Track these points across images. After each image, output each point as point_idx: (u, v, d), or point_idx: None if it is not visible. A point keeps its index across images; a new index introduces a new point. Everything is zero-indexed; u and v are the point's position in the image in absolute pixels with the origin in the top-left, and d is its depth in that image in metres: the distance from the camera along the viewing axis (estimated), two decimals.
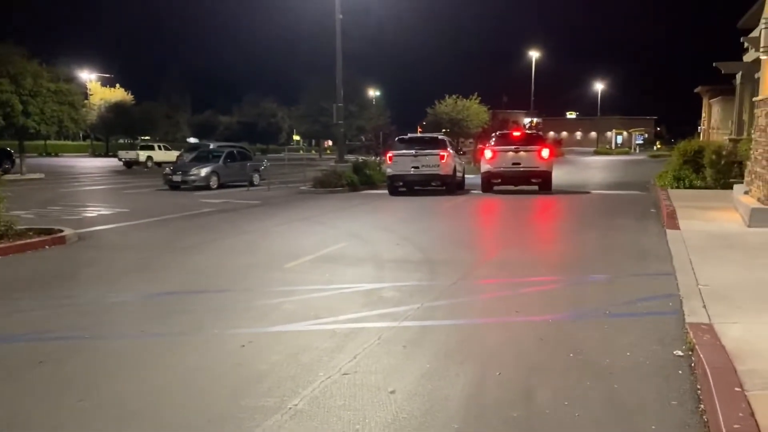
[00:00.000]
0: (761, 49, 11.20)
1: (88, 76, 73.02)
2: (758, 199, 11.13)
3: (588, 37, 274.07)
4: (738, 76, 22.67)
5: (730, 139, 20.47)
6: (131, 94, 71.43)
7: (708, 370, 4.26)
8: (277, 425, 3.89)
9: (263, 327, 5.89)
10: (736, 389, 3.92)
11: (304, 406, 4.17)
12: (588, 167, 40.50)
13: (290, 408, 4.12)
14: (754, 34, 12.88)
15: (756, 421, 3.50)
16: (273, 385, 4.53)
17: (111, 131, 69.70)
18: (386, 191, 20.04)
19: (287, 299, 6.83)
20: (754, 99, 13.08)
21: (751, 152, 12.36)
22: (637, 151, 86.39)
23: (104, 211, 15.61)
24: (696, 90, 37.18)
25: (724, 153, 17.58)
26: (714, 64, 22.33)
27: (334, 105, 30.71)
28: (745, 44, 17.19)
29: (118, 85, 71.69)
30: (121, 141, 74.01)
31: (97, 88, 70.66)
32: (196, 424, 3.96)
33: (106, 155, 65.68)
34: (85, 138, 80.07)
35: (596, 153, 75.75)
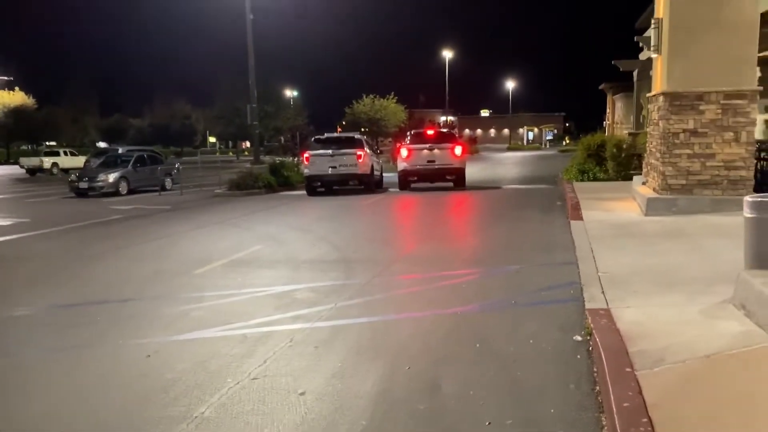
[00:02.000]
0: (651, 48, 11.90)
1: None
2: (654, 189, 11.81)
3: (499, 37, 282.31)
4: (635, 74, 23.97)
5: (630, 133, 21.60)
6: (33, 98, 67.54)
7: (602, 353, 4.49)
8: None
9: (170, 335, 5.72)
10: (627, 369, 4.15)
11: (211, 413, 4.08)
12: (501, 163, 41.71)
13: (196, 417, 4.03)
14: (647, 34, 13.64)
15: (643, 398, 3.72)
16: (179, 394, 4.41)
17: (11, 138, 65.70)
18: (305, 192, 19.92)
19: (196, 306, 6.66)
20: (647, 95, 13.87)
21: (647, 145, 13.10)
22: (548, 146, 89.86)
23: (1, 222, 14.69)
24: (600, 87, 38.90)
25: (624, 146, 18.55)
26: (612, 62, 23.53)
27: (248, 106, 30.17)
28: (640, 43, 18.17)
29: (17, 89, 67.64)
30: (24, 147, 70.00)
31: None
32: None
33: (7, 162, 61.82)
34: None
35: (509, 149, 78.14)
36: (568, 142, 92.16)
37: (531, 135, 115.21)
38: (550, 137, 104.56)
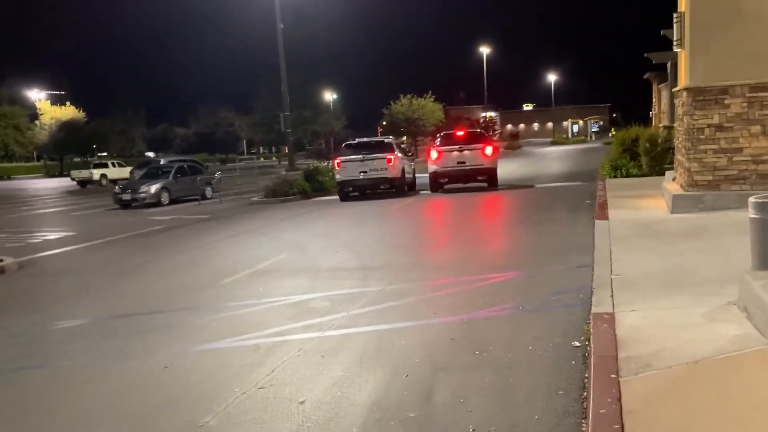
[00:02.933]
0: (674, 43, 11.73)
1: (37, 95, 71.61)
2: (681, 186, 11.65)
3: (541, 28, 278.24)
4: (669, 65, 23.46)
5: (665, 126, 21.18)
6: (83, 111, 70.25)
7: (592, 359, 4.58)
8: None
9: (188, 347, 6.04)
10: (612, 376, 4.24)
11: (216, 422, 4.35)
12: (541, 159, 41.30)
13: (201, 426, 4.31)
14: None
15: (621, 404, 3.81)
16: (189, 404, 4.70)
17: (64, 150, 68.43)
18: (338, 197, 20.26)
19: (216, 317, 6.99)
20: (673, 90, 13.65)
21: (675, 141, 12.91)
22: (593, 138, 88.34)
23: (50, 236, 15.47)
24: (645, 76, 37.96)
25: (659, 141, 18.21)
26: (645, 55, 23.08)
27: (281, 114, 30.80)
28: (668, 36, 17.82)
29: (68, 103, 70.44)
30: (77, 160, 72.87)
31: (46, 106, 69.28)
32: None
33: (60, 175, 64.42)
34: (38, 159, 78.47)
35: (553, 143, 77.03)
36: (614, 133, 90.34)
37: (576, 128, 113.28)
38: (595, 129, 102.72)
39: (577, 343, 5.30)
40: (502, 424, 4.02)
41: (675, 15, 11.65)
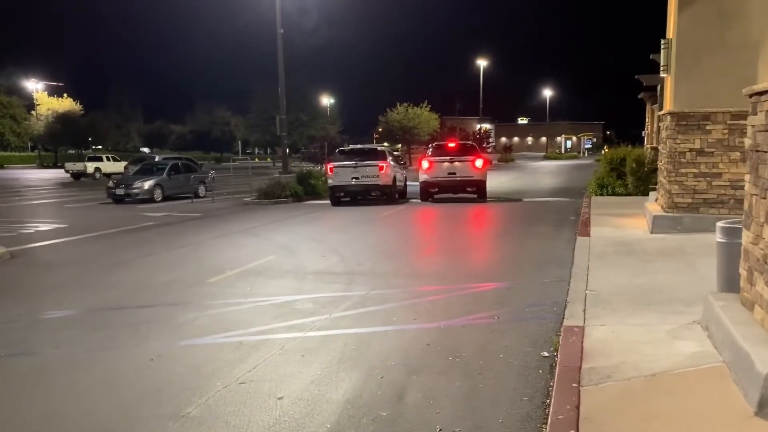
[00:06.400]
0: (662, 68, 12.09)
1: (34, 86, 71.59)
2: (661, 207, 11.97)
3: (539, 43, 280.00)
4: (659, 88, 23.90)
5: (652, 148, 21.57)
6: (80, 104, 70.26)
7: (558, 369, 4.84)
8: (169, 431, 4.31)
9: (174, 341, 6.26)
10: (574, 385, 4.50)
11: (197, 413, 4.58)
12: (533, 173, 41.69)
13: (183, 416, 4.53)
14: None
15: (579, 411, 4.07)
16: (172, 395, 4.93)
17: (59, 142, 68.43)
18: (329, 202, 20.51)
19: (203, 314, 7.21)
20: (658, 113, 13.99)
21: (658, 162, 13.24)
22: (586, 155, 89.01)
23: (42, 227, 15.62)
24: (639, 96, 38.45)
25: (646, 161, 18.58)
26: (636, 77, 23.48)
27: (277, 117, 31.07)
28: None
29: (66, 95, 70.49)
30: (71, 152, 72.84)
31: (44, 98, 69.31)
32: None
33: (55, 166, 64.37)
34: (33, 149, 78.39)
35: (546, 158, 77.66)
36: (607, 150, 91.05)
37: (569, 143, 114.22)
38: (588, 146, 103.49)
39: (546, 354, 5.56)
40: (467, 425, 4.26)
41: (663, 41, 12.02)
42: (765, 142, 4.70)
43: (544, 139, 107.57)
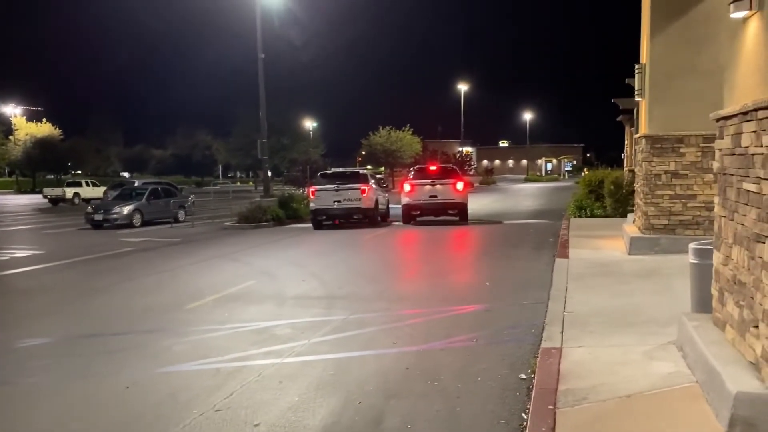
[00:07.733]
0: (636, 92, 12.34)
1: (12, 111, 70.99)
2: (639, 228, 12.13)
3: (519, 68, 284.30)
4: (635, 111, 24.38)
5: (630, 170, 21.91)
6: (59, 129, 69.73)
7: (534, 391, 4.86)
8: None
9: (151, 368, 6.19)
10: (550, 407, 4.53)
11: None
12: (513, 195, 42.04)
13: None
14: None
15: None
16: (149, 423, 4.87)
17: (37, 167, 67.73)
18: (311, 225, 20.47)
19: (180, 340, 7.15)
20: (635, 136, 14.25)
21: (635, 185, 13.45)
22: (566, 177, 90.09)
23: (18, 254, 15.41)
24: (618, 119, 39.09)
25: (624, 184, 18.85)
26: (612, 100, 23.92)
27: (258, 141, 31.14)
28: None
29: (45, 120, 69.97)
30: (50, 177, 72.06)
31: (22, 123, 68.67)
32: None
33: (32, 192, 63.60)
34: (10, 174, 77.53)
35: (526, 180, 78.38)
36: (587, 173, 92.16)
37: (549, 166, 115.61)
38: (569, 168, 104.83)
39: (524, 376, 5.59)
40: None
41: (637, 66, 12.27)
42: (731, 165, 4.83)
43: (524, 161, 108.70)
